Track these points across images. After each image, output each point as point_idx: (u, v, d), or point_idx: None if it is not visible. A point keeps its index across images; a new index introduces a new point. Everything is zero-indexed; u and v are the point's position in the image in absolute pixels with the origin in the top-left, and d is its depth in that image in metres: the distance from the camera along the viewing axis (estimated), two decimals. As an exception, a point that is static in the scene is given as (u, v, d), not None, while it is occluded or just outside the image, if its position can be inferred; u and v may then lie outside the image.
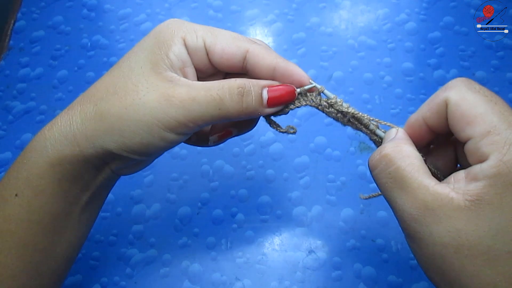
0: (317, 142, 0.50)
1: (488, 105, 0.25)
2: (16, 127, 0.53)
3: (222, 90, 0.28)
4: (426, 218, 0.25)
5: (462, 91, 0.26)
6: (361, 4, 0.59)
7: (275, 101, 0.30)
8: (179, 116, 0.28)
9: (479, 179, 0.24)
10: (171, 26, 0.30)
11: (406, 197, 0.26)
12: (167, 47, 0.29)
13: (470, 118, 0.25)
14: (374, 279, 0.43)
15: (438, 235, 0.25)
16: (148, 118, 0.28)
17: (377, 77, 0.54)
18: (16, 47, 0.59)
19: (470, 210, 0.24)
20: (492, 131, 0.24)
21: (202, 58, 0.30)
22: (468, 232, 0.24)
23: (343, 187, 0.48)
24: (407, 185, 0.26)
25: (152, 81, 0.28)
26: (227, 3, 0.60)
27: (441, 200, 0.25)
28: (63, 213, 0.31)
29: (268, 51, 0.31)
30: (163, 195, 0.48)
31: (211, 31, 0.30)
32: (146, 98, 0.28)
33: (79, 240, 0.35)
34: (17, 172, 0.30)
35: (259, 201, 0.47)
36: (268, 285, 0.43)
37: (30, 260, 0.31)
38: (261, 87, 0.30)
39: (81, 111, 0.29)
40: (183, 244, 0.45)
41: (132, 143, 0.29)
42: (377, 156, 0.28)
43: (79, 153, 0.29)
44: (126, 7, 0.61)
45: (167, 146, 0.30)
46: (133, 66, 0.29)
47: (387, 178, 0.27)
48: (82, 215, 0.33)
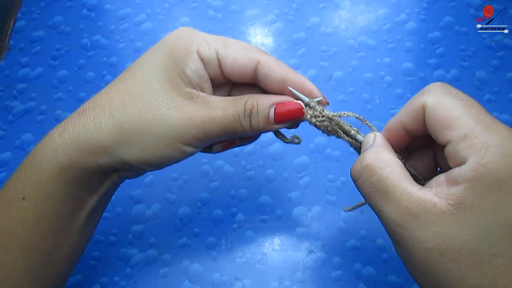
0: (317, 142, 0.50)
1: (465, 109, 0.25)
2: (16, 127, 0.53)
3: (236, 111, 0.30)
4: (410, 224, 0.25)
5: (439, 95, 0.26)
6: (361, 4, 0.59)
7: (282, 118, 0.31)
8: (198, 134, 0.29)
9: (459, 183, 0.24)
10: (184, 38, 0.30)
11: (390, 205, 0.26)
12: (183, 63, 0.29)
13: (447, 122, 0.25)
14: (374, 279, 0.43)
15: (423, 240, 0.25)
16: (170, 134, 0.29)
17: (377, 77, 0.54)
18: (16, 47, 0.59)
19: (452, 214, 0.24)
20: (469, 135, 0.24)
21: (215, 68, 0.31)
22: (452, 236, 0.24)
23: (343, 187, 0.48)
24: (390, 193, 0.26)
25: (173, 97, 0.29)
26: (227, 3, 0.60)
27: (424, 205, 0.25)
28: (70, 217, 0.32)
29: (278, 62, 0.31)
30: (163, 195, 0.48)
31: (223, 42, 0.31)
32: (167, 114, 0.29)
33: (83, 243, 0.35)
34: (25, 175, 0.30)
35: (259, 201, 0.47)
36: (268, 285, 0.43)
37: (35, 262, 0.31)
38: (269, 106, 0.30)
39: (95, 119, 0.29)
40: (183, 244, 0.45)
41: (152, 156, 0.30)
42: (358, 167, 0.28)
43: (93, 161, 0.29)
44: (126, 7, 0.61)
45: (183, 158, 0.31)
46: (149, 78, 0.29)
47: (370, 188, 0.27)
48: (88, 219, 0.33)
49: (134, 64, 0.31)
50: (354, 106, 0.52)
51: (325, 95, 0.32)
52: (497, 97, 0.52)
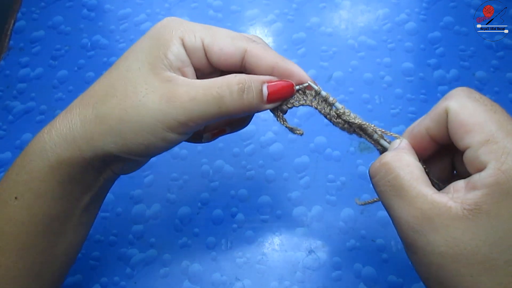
0: (317, 142, 0.50)
1: (487, 114, 0.25)
2: (16, 127, 0.53)
3: (221, 88, 0.28)
4: (423, 227, 0.25)
5: (462, 100, 0.26)
6: (361, 4, 0.59)
7: (274, 96, 0.30)
8: (179, 117, 0.28)
9: (478, 188, 0.24)
10: (169, 25, 0.30)
11: (404, 206, 0.26)
12: (165, 47, 0.29)
13: (469, 126, 0.25)
14: (374, 279, 0.43)
15: (435, 244, 0.25)
16: (149, 120, 0.28)
17: (377, 77, 0.54)
18: (16, 47, 0.59)
19: (467, 219, 0.24)
20: (490, 140, 0.24)
21: (200, 57, 0.30)
22: (466, 241, 0.24)
23: (343, 187, 0.48)
24: (405, 193, 0.26)
25: (151, 82, 0.28)
26: (227, 3, 0.60)
27: (439, 209, 0.25)
28: (64, 215, 0.31)
29: (266, 50, 0.30)
30: (163, 195, 0.48)
31: (209, 30, 0.30)
32: (146, 99, 0.28)
33: (79, 241, 0.35)
34: (17, 175, 0.30)
35: (259, 201, 0.47)
36: (268, 285, 0.43)
37: (31, 261, 0.31)
38: (261, 82, 0.29)
39: (80, 114, 0.29)
40: (183, 244, 0.45)
41: (133, 144, 0.28)
42: (377, 164, 0.28)
43: (79, 156, 0.29)
44: (126, 7, 0.61)
45: (168, 146, 0.30)
46: (131, 66, 0.29)
47: (386, 186, 0.27)
48: (82, 217, 0.33)
49: (120, 57, 0.30)
50: (354, 106, 0.52)
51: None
52: (497, 97, 0.52)
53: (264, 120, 0.52)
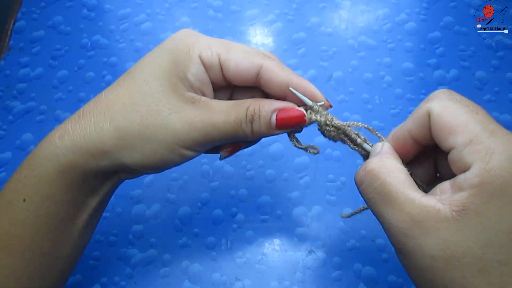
0: (317, 142, 0.50)
1: (470, 115, 0.25)
2: (16, 127, 0.53)
3: (238, 116, 0.29)
4: (414, 231, 0.25)
5: (444, 101, 0.26)
6: (361, 4, 0.59)
7: (283, 124, 0.31)
8: (199, 138, 0.29)
9: (464, 189, 0.24)
10: (186, 41, 0.30)
11: (393, 211, 0.26)
12: (185, 67, 0.29)
13: (452, 128, 0.25)
14: (374, 279, 0.43)
15: (426, 247, 0.24)
16: (171, 139, 0.29)
17: (377, 77, 0.54)
18: (16, 47, 0.59)
19: (457, 220, 0.24)
20: (474, 140, 0.24)
21: (216, 73, 0.30)
22: (457, 243, 0.24)
23: (343, 187, 0.48)
24: (393, 199, 0.26)
25: (174, 103, 0.29)
26: (227, 3, 0.60)
27: (428, 212, 0.24)
28: (69, 218, 0.32)
29: (281, 66, 0.31)
30: (163, 195, 0.48)
31: (225, 46, 0.30)
32: (169, 120, 0.29)
33: (82, 244, 0.35)
34: (25, 177, 0.30)
35: (259, 201, 0.47)
36: (268, 285, 0.43)
37: (35, 263, 0.31)
38: (271, 112, 0.30)
39: (95, 124, 0.29)
40: (183, 244, 0.45)
41: (152, 160, 0.30)
42: (362, 172, 0.28)
43: (93, 164, 0.29)
44: (126, 7, 0.61)
45: (184, 161, 0.31)
46: (150, 82, 0.29)
47: (374, 193, 0.27)
48: (88, 220, 0.33)
49: (135, 67, 0.30)
50: (354, 106, 0.52)
51: (325, 95, 0.32)
52: (497, 97, 0.52)
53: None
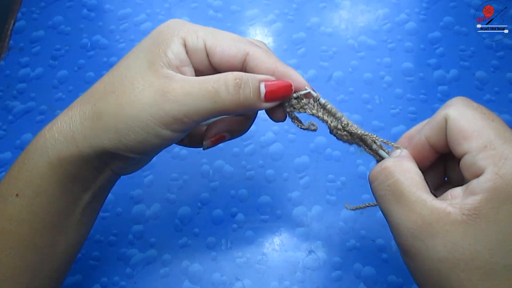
0: (317, 142, 0.50)
1: (486, 122, 0.25)
2: (16, 127, 0.53)
3: (217, 82, 0.28)
4: (422, 232, 0.25)
5: (461, 108, 0.26)
6: (361, 4, 0.59)
7: (272, 95, 0.30)
8: (173, 112, 0.27)
9: (476, 193, 0.24)
10: (172, 26, 0.30)
11: (403, 211, 0.26)
12: (165, 45, 0.29)
13: (467, 133, 0.25)
14: (374, 279, 0.43)
15: (434, 249, 0.25)
16: (142, 114, 0.27)
17: (377, 77, 0.54)
18: (16, 47, 0.59)
19: (467, 224, 0.24)
20: (488, 146, 0.25)
21: (202, 59, 0.30)
22: (465, 247, 0.24)
23: (343, 187, 0.48)
24: (405, 198, 0.26)
25: (148, 78, 0.28)
26: (227, 3, 0.60)
27: (438, 214, 0.25)
28: (64, 213, 0.32)
29: (268, 54, 0.31)
30: (163, 195, 0.48)
31: (212, 32, 0.30)
32: (141, 94, 0.28)
33: (79, 240, 0.35)
34: (18, 172, 0.30)
35: (259, 201, 0.47)
36: (268, 285, 0.43)
37: (31, 260, 0.31)
38: (258, 80, 0.30)
39: (80, 111, 0.29)
40: (183, 244, 0.45)
41: (127, 140, 0.28)
42: (378, 169, 0.28)
43: (78, 153, 0.29)
44: (126, 7, 0.61)
45: (163, 144, 0.29)
46: (131, 65, 0.29)
47: (386, 191, 0.27)
48: (83, 215, 0.33)
49: (123, 57, 0.31)
50: (354, 106, 0.52)
51: (325, 95, 0.32)
52: (497, 97, 0.52)
53: (264, 120, 0.52)
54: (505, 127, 0.25)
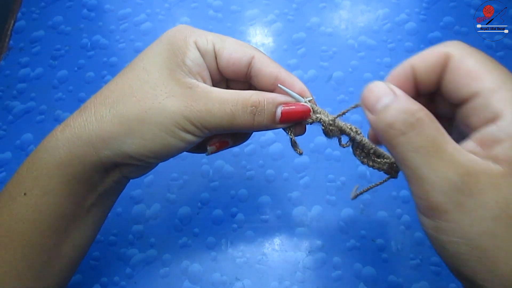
0: (317, 142, 0.50)
1: (494, 64, 0.24)
2: (16, 127, 0.53)
3: (236, 106, 0.29)
4: (471, 186, 0.22)
5: (466, 49, 0.24)
6: (361, 4, 0.59)
7: (288, 119, 0.31)
8: (196, 122, 0.29)
9: (503, 140, 0.21)
10: (183, 31, 0.31)
11: (445, 164, 0.22)
12: (182, 53, 0.30)
13: (476, 73, 0.23)
14: (374, 279, 0.43)
15: (486, 207, 0.21)
16: (169, 121, 0.29)
17: (377, 77, 0.54)
18: (16, 47, 0.59)
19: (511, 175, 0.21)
20: (502, 87, 0.22)
21: (211, 62, 0.31)
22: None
23: (343, 187, 0.48)
24: (445, 149, 0.22)
25: (172, 87, 0.29)
26: (227, 3, 0.60)
27: (481, 166, 0.22)
28: (70, 214, 0.32)
29: (271, 60, 0.32)
30: (163, 195, 0.48)
31: (219, 37, 0.31)
32: (166, 102, 0.29)
33: (85, 242, 0.35)
34: (27, 171, 0.30)
35: (259, 201, 0.47)
36: (268, 285, 0.43)
37: (35, 260, 0.31)
38: (276, 105, 0.30)
39: (96, 113, 0.30)
40: (183, 244, 0.45)
41: (153, 145, 0.29)
42: (411, 119, 0.23)
43: (93, 155, 0.29)
44: (126, 7, 0.61)
45: (186, 147, 0.31)
46: (150, 70, 0.30)
47: (425, 143, 0.23)
48: (88, 217, 0.33)
49: (135, 58, 0.31)
50: (354, 106, 0.52)
51: (325, 95, 0.33)
52: (497, 97, 0.52)
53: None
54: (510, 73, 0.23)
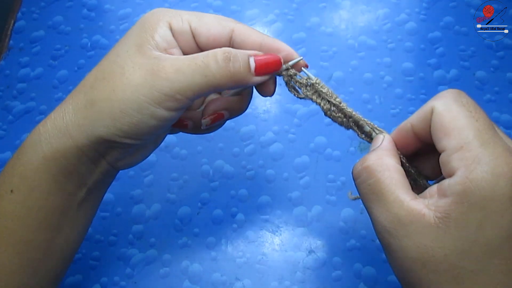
0: (317, 142, 0.50)
1: (469, 120, 0.25)
2: (16, 127, 0.53)
3: (207, 57, 0.28)
4: (398, 231, 0.26)
5: (449, 102, 0.26)
6: (361, 4, 0.59)
7: (262, 68, 0.30)
8: (165, 89, 0.28)
9: (447, 195, 0.24)
10: (157, 12, 0.31)
11: (382, 210, 0.27)
12: (152, 30, 0.29)
13: (448, 130, 0.25)
14: (374, 279, 0.43)
15: (408, 249, 0.25)
16: (135, 95, 0.28)
17: (377, 77, 0.54)
18: (16, 47, 0.59)
19: (438, 227, 0.24)
20: (464, 147, 0.24)
21: (188, 41, 0.31)
22: (435, 249, 0.24)
23: (343, 187, 0.48)
24: (384, 198, 0.27)
25: (137, 60, 0.28)
26: (227, 3, 0.60)
27: (414, 216, 0.25)
28: (59, 209, 0.31)
29: (253, 29, 0.31)
30: (163, 195, 0.48)
31: (196, 14, 0.31)
32: (132, 76, 0.28)
33: (76, 238, 0.34)
34: (12, 168, 0.30)
35: (259, 201, 0.47)
36: (268, 285, 0.43)
37: (27, 257, 0.31)
38: (247, 55, 0.30)
39: (72, 103, 0.30)
40: (183, 244, 0.45)
41: (122, 124, 0.28)
42: (359, 167, 0.29)
43: (72, 144, 0.29)
44: (126, 7, 0.61)
45: (159, 125, 0.29)
46: (119, 51, 0.30)
47: (367, 189, 0.28)
48: (79, 212, 0.33)
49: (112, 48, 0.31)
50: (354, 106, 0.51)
51: (325, 95, 0.33)
52: (497, 97, 0.52)
53: (264, 120, 0.52)
54: (488, 129, 0.25)
